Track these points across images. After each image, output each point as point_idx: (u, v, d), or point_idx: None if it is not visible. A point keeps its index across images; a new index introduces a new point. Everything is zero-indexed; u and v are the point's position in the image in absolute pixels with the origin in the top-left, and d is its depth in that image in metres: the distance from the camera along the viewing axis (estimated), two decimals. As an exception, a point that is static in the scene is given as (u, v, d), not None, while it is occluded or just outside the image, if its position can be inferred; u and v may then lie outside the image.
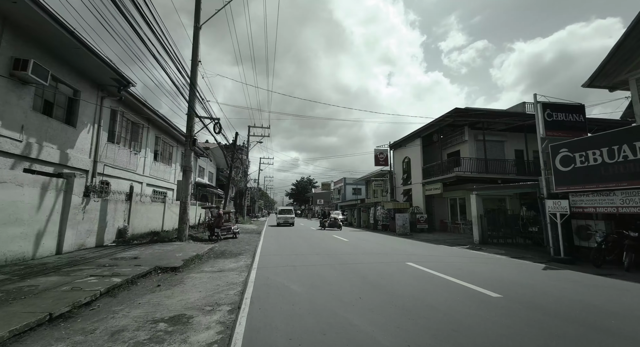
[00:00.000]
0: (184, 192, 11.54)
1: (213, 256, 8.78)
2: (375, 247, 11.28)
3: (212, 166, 31.35)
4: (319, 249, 10.48)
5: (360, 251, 10.10)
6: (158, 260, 7.08)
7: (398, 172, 24.94)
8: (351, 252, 9.57)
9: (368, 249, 10.48)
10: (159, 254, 8.07)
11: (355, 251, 10.07)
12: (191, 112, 11.73)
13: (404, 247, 11.16)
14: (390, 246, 11.77)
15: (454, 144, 19.74)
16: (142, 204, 12.14)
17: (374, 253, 9.49)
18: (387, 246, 11.55)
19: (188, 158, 11.73)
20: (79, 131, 9.44)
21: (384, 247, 11.12)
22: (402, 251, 10.04)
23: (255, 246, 11.29)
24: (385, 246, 11.76)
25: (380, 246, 11.73)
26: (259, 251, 10.01)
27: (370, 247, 11.24)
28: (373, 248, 10.86)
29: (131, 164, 12.66)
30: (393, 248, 10.94)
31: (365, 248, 10.81)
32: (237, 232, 14.51)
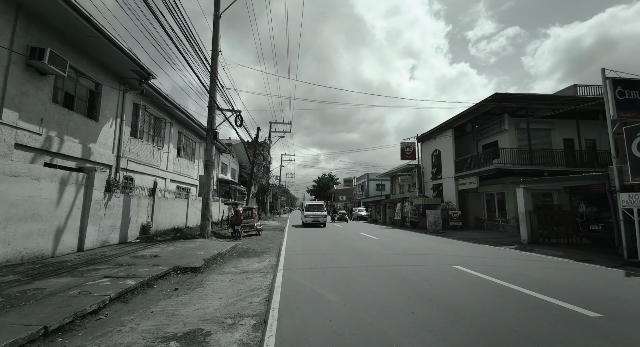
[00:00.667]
0: (205, 188, 11.15)
1: (236, 255, 8.24)
2: (408, 246, 10.28)
3: (234, 163, 31.41)
4: (348, 248, 9.67)
5: (393, 250, 9.16)
6: (178, 259, 6.60)
7: (426, 166, 23.48)
8: (384, 253, 8.67)
9: (402, 249, 9.51)
10: (180, 252, 7.63)
11: (388, 250, 9.15)
12: (212, 104, 11.28)
13: (441, 247, 10.06)
14: (425, 245, 10.71)
15: (491, 134, 18.05)
16: (165, 200, 11.92)
17: (410, 254, 8.52)
18: (422, 245, 10.50)
19: (209, 152, 11.32)
20: (101, 125, 9.23)
21: (419, 247, 10.09)
22: (440, 251, 8.98)
23: (279, 244, 10.68)
24: (419, 245, 10.71)
25: (414, 245, 10.70)
26: (284, 249, 9.37)
27: (403, 246, 10.26)
28: (407, 248, 9.87)
29: (154, 159, 12.49)
30: (429, 247, 9.89)
31: (398, 247, 9.84)
32: (260, 229, 14.04)
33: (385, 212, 27.87)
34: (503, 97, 15.09)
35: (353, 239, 12.46)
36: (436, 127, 21.46)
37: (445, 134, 20.50)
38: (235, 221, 12.25)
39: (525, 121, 16.42)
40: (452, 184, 19.40)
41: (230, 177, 28.92)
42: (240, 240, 11.53)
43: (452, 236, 14.45)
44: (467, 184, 17.59)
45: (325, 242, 11.00)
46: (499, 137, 17.59)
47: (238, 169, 33.62)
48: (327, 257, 7.89)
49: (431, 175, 22.60)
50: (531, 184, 11.50)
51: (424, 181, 23.67)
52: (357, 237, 13.33)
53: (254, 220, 13.48)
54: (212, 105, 11.30)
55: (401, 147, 23.91)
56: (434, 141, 22.44)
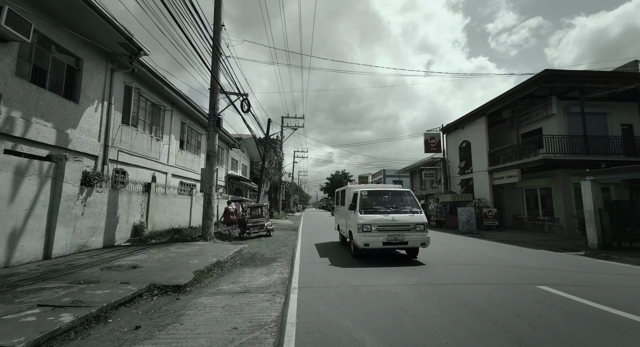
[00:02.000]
0: (207, 183, 9.66)
1: (239, 263, 6.67)
2: (451, 251, 8.41)
3: (245, 159, 30.14)
4: (376, 253, 7.92)
5: (437, 258, 7.33)
6: (162, 271, 5.07)
7: (453, 159, 21.29)
8: (427, 261, 6.87)
9: (446, 255, 7.66)
10: (170, 260, 6.12)
11: (429, 257, 7.33)
12: (214, 85, 9.76)
13: (493, 253, 8.14)
14: (471, 249, 8.81)
15: (534, 121, 15.75)
16: (164, 197, 10.53)
17: (462, 264, 6.67)
18: (467, 250, 8.61)
19: (212, 141, 9.81)
20: (83, 108, 7.85)
21: (465, 253, 8.21)
22: (498, 260, 7.08)
23: (292, 248, 9.07)
24: (463, 250, 8.82)
25: (457, 250, 8.82)
26: (298, 255, 7.72)
27: (444, 251, 8.40)
28: (451, 254, 8.02)
29: (153, 151, 11.12)
30: (478, 254, 7.99)
31: (441, 254, 7.99)
32: (272, 229, 12.49)
33: (406, 210, 25.81)
34: (554, 74, 12.83)
35: (378, 241, 10.70)
36: (465, 115, 19.25)
37: (477, 123, 18.27)
38: (225, 220, 10.93)
39: (576, 105, 14.10)
40: (486, 179, 17.22)
41: (241, 173, 27.64)
42: (247, 242, 10.00)
43: (492, 237, 12.40)
44: (504, 178, 15.41)
45: (346, 246, 9.31)
46: (543, 124, 15.28)
47: (249, 166, 32.38)
48: (356, 268, 6.18)
49: (459, 169, 20.42)
50: (602, 175, 9.33)
51: (450, 175, 21.50)
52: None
53: (263, 219, 11.94)
54: (215, 86, 9.78)
55: (425, 139, 21.81)
56: (461, 132, 20.23)
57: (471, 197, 17.20)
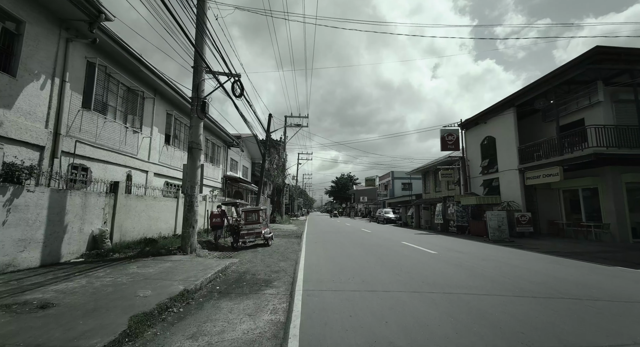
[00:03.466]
0: (189, 181, 7.79)
1: (218, 291, 4.74)
2: (509, 272, 6.36)
3: (246, 160, 28.35)
4: (405, 272, 5.89)
5: (491, 283, 5.30)
6: (82, 316, 3.17)
7: (473, 157, 19.18)
8: (481, 287, 4.85)
9: (503, 279, 5.62)
10: (112, 290, 4.22)
11: (480, 281, 5.30)
12: (198, 61, 7.94)
13: (566, 274, 6.08)
14: (529, 267, 6.74)
15: (573, 111, 13.66)
16: (139, 199, 8.68)
17: (541, 296, 4.64)
18: (526, 269, 6.54)
19: (195, 130, 7.97)
20: (23, 84, 6.06)
21: (525, 273, 6.15)
22: (587, 288, 5.04)
23: (294, 263, 7.11)
24: (518, 267, 6.75)
25: (509, 267, 6.75)
26: (301, 275, 5.76)
27: (498, 273, 6.35)
28: (509, 276, 5.97)
29: (128, 145, 9.32)
30: (551, 277, 5.94)
31: (495, 276, 5.95)
32: (270, 237, 10.56)
33: (419, 215, 23.66)
34: (606, 52, 10.78)
35: (399, 252, 8.66)
36: (489, 108, 17.18)
37: (503, 116, 16.20)
38: (212, 224, 9.33)
39: (626, 91, 12.02)
40: (515, 178, 15.09)
41: (241, 175, 25.81)
42: (239, 254, 8.08)
43: (533, 247, 10.29)
44: (541, 177, 13.28)
45: (363, 257, 7.29)
46: (586, 114, 13.18)
47: (250, 167, 30.59)
48: (381, 295, 4.21)
49: (481, 168, 18.30)
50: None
51: (470, 176, 19.38)
52: (402, 248, 9.51)
53: (260, 226, 10.01)
54: (199, 63, 7.96)
55: (441, 136, 19.76)
56: (483, 126, 18.15)
57: (498, 199, 15.08)
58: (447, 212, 18.50)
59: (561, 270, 6.39)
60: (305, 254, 8.47)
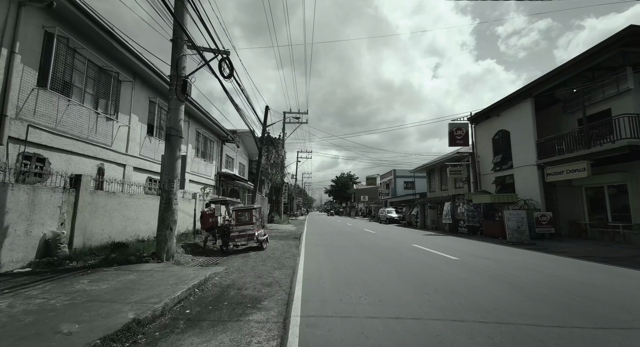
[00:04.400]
0: (167, 174, 6.55)
1: (186, 317, 3.51)
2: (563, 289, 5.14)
3: (243, 157, 27.08)
4: (432, 288, 4.66)
5: (556, 305, 4.09)
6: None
7: (484, 153, 17.97)
8: (546, 314, 3.63)
9: (565, 300, 4.40)
10: (34, 320, 3.00)
11: (539, 305, 4.09)
12: (178, 34, 6.70)
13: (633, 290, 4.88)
14: (580, 281, 5.53)
15: (600, 100, 12.45)
16: (110, 196, 7.44)
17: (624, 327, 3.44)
18: (580, 283, 5.33)
19: (175, 114, 6.72)
20: (-50, 50, 4.82)
21: (595, 293, 4.94)
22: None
23: (291, 272, 5.89)
24: (572, 281, 5.54)
25: (563, 283, 5.54)
26: (299, 291, 4.54)
27: (549, 288, 5.13)
28: (577, 297, 4.75)
29: (100, 133, 8.08)
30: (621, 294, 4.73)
31: (540, 289, 4.74)
32: (265, 240, 9.32)
33: (425, 214, 22.45)
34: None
35: (414, 257, 7.43)
36: (502, 99, 15.95)
37: (519, 108, 14.98)
38: (204, 226, 8.30)
39: (661, 76, 10.81)
40: (533, 175, 13.89)
41: (238, 172, 24.57)
42: (227, 261, 6.84)
43: (561, 250, 9.08)
44: (564, 173, 12.06)
45: (369, 264, 6.05)
46: (612, 103, 11.98)
47: (247, 165, 29.33)
48: (411, 329, 2.98)
49: (492, 165, 17.09)
50: None
51: (480, 173, 18.17)
52: (415, 252, 8.28)
53: (254, 227, 8.78)
54: (178, 35, 6.71)
55: (449, 131, 18.54)
56: (496, 120, 16.94)
57: (515, 197, 13.87)
58: (457, 212, 17.29)
59: (624, 283, 5.17)
60: (305, 261, 7.24)
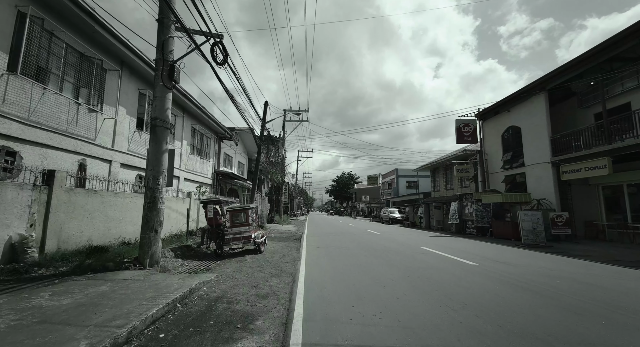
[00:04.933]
0: (151, 170, 5.84)
1: (158, 344, 2.79)
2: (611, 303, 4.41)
3: (242, 156, 26.39)
4: (458, 303, 3.94)
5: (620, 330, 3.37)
6: None
7: (493, 151, 17.23)
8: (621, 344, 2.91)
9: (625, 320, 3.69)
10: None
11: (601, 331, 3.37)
12: (165, 13, 5.99)
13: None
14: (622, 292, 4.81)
15: (618, 94, 11.73)
16: (91, 195, 6.74)
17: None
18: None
19: (161, 102, 6.01)
20: None
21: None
22: None
23: (290, 281, 5.17)
24: (610, 291, 4.82)
25: (605, 293, 4.82)
26: (300, 305, 3.82)
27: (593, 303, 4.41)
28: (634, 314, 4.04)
29: (81, 126, 7.38)
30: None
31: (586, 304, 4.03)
32: (263, 242, 8.61)
33: (430, 214, 21.71)
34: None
35: (427, 262, 6.71)
36: (512, 94, 15.21)
37: (531, 102, 14.24)
38: (209, 224, 7.37)
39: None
40: (547, 173, 13.15)
41: (237, 171, 23.87)
42: (221, 265, 6.13)
43: (584, 254, 8.35)
44: (582, 170, 11.32)
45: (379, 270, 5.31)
46: (632, 97, 11.27)
47: (247, 164, 28.63)
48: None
49: (502, 163, 16.35)
50: None
51: (489, 171, 17.42)
52: (427, 256, 7.56)
53: (250, 228, 8.06)
54: (165, 13, 6.00)
55: (456, 127, 17.79)
56: (505, 116, 16.19)
57: (528, 197, 13.12)
58: (464, 212, 16.55)
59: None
60: (306, 266, 6.52)
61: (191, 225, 11.69)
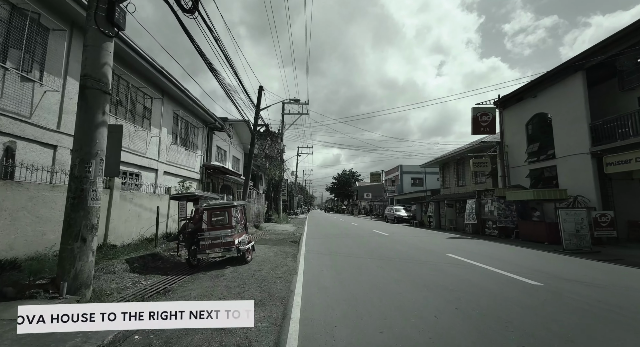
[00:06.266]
0: (78, 151, 4.03)
1: None
2: None
3: (237, 150, 24.55)
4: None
5: None
6: None
7: (515, 142, 15.39)
8: None
9: None
10: None
11: None
12: None
13: None
14: None
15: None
16: (10, 188, 4.95)
17: None
18: None
19: (95, 53, 4.19)
20: None
21: None
22: None
23: (278, 315, 3.36)
24: None
25: None
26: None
27: None
28: None
29: (7, 97, 5.58)
30: None
31: None
32: (249, 248, 6.82)
33: (440, 213, 19.91)
34: None
35: (467, 280, 4.94)
36: (540, 77, 13.34)
37: (565, 85, 12.39)
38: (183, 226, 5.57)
39: None
40: (585, 165, 11.35)
41: (231, 167, 22.04)
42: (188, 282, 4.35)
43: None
44: (633, 161, 9.50)
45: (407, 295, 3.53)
46: (697, 73, 9.40)
47: (243, 159, 26.82)
48: None
49: (526, 155, 14.52)
50: None
51: (509, 165, 15.59)
52: (461, 269, 5.80)
53: (233, 231, 6.27)
54: None
55: (473, 116, 15.94)
56: (531, 102, 14.34)
57: (564, 193, 11.31)
58: (483, 211, 14.77)
59: None
60: (304, 285, 4.74)
61: (173, 226, 9.95)
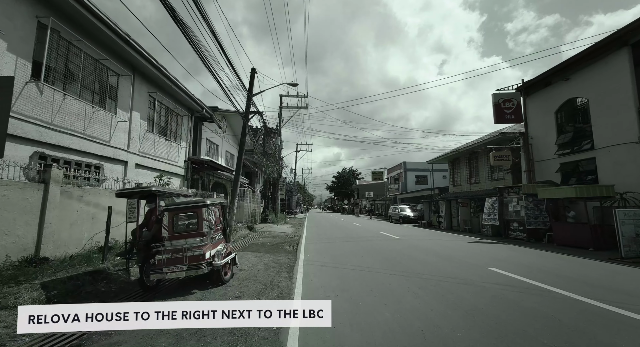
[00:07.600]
0: None
1: None
2: None
3: (231, 146, 22.68)
4: None
5: None
6: None
7: (540, 133, 13.62)
8: None
9: None
10: None
11: None
12: None
13: None
14: None
15: None
16: None
17: None
18: None
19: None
20: None
21: None
22: None
23: None
24: None
25: None
26: None
27: None
28: None
29: None
30: None
31: None
32: (227, 263, 5.02)
33: (452, 212, 18.13)
34: None
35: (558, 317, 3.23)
36: (574, 56, 11.54)
37: (606, 63, 10.63)
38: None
39: None
40: (635, 157, 9.60)
41: (224, 163, 20.20)
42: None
43: None
44: None
45: None
46: None
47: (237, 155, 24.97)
48: None
49: (556, 147, 12.75)
50: None
51: (534, 159, 13.83)
52: (527, 298, 4.07)
53: (203, 241, 4.49)
54: None
55: (494, 103, 14.16)
56: (561, 86, 12.56)
57: (611, 190, 9.54)
58: (507, 210, 13.02)
59: None
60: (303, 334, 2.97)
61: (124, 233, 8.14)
